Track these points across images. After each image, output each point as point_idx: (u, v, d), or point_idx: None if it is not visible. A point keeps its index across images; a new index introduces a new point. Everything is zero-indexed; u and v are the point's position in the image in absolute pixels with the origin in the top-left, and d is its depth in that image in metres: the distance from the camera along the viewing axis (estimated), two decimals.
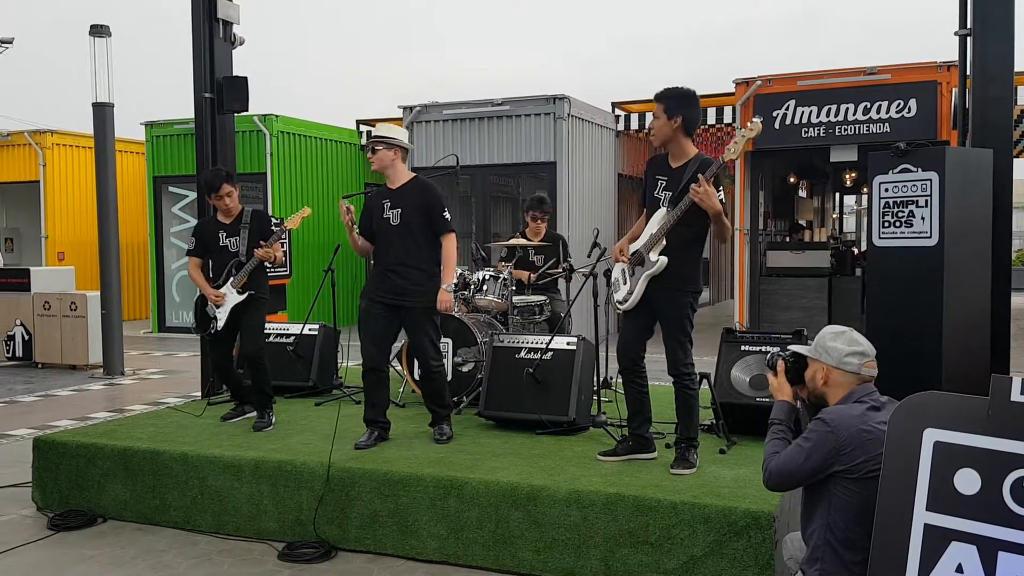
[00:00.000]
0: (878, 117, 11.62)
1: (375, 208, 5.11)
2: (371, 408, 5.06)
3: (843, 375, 3.00)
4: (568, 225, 12.27)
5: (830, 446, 2.83)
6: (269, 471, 4.67)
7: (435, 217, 5.04)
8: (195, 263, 5.78)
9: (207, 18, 6.83)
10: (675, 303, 4.34)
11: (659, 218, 4.33)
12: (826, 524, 2.89)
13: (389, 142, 5.07)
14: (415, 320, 5.04)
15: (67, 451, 5.18)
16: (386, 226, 5.04)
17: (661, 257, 4.28)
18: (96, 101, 10.51)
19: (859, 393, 2.96)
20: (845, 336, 3.06)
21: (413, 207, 5.02)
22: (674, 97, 4.30)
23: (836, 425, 2.85)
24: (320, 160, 15.04)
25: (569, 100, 12.62)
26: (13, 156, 16.33)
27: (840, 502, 2.85)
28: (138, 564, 4.40)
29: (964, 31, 5.27)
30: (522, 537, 4.13)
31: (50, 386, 9.81)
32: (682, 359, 4.36)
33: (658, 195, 4.39)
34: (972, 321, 4.75)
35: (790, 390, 3.19)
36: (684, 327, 4.36)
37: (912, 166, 4.67)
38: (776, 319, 12.60)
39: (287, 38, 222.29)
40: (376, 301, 5.04)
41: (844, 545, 2.85)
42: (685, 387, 4.41)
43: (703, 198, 4.08)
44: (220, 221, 5.69)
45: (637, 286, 4.37)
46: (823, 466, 2.85)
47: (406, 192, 5.08)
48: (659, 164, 4.47)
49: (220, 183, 5.57)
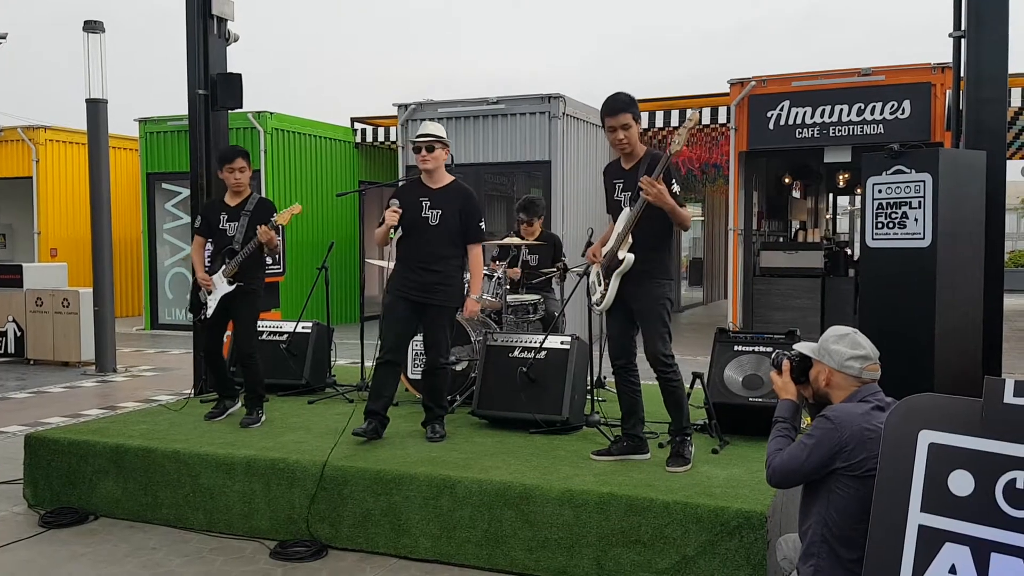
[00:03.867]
0: (872, 118, 11.65)
1: (412, 204, 5.11)
2: (376, 399, 5.04)
3: (845, 378, 3.03)
4: (563, 224, 12.27)
5: (833, 443, 2.86)
6: (262, 469, 4.66)
7: (472, 225, 5.13)
8: (199, 242, 5.77)
9: (201, 15, 6.81)
10: (649, 294, 4.38)
11: (623, 218, 4.41)
12: (823, 521, 2.91)
13: (445, 141, 5.15)
14: (437, 316, 5.09)
15: (59, 448, 5.16)
16: (424, 224, 5.07)
17: (628, 254, 4.35)
18: (90, 97, 10.49)
19: (863, 393, 2.99)
20: (848, 339, 3.07)
21: (454, 210, 5.07)
22: (634, 103, 4.40)
23: (840, 423, 2.87)
24: (314, 158, 15.01)
25: (564, 99, 12.62)
26: (6, 152, 16.27)
27: (839, 499, 2.87)
28: (130, 562, 4.39)
29: (958, 33, 5.29)
30: (515, 536, 4.13)
31: (42, 383, 9.78)
32: (661, 350, 4.36)
33: (618, 197, 4.49)
34: (965, 322, 4.76)
35: (794, 389, 3.21)
36: (661, 316, 4.40)
37: (906, 167, 4.68)
38: (769, 319, 12.63)
39: (282, 35, 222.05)
40: (402, 297, 5.06)
41: (840, 542, 2.86)
42: (668, 379, 4.41)
43: (655, 197, 4.16)
44: (225, 203, 5.68)
45: (610, 286, 4.42)
46: (825, 463, 2.88)
47: (449, 194, 5.12)
48: (614, 169, 4.57)
49: (235, 155, 5.60)
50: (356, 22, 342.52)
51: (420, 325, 5.17)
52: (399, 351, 5.14)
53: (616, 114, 4.33)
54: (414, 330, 5.24)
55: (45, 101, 71.68)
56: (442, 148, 5.13)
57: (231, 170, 5.58)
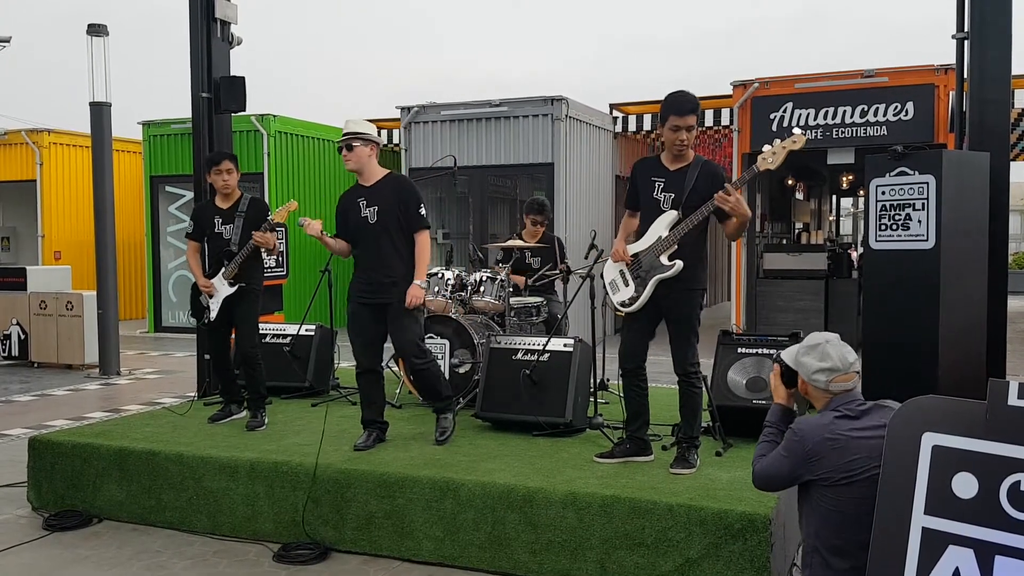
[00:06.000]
0: (875, 120, 11.64)
1: (350, 208, 5.04)
2: (368, 408, 5.05)
3: (815, 389, 3.05)
4: (565, 226, 12.27)
5: (799, 454, 2.91)
6: (265, 472, 4.66)
7: (411, 213, 4.95)
8: (193, 247, 5.77)
9: (205, 18, 6.82)
10: (687, 303, 4.36)
11: (668, 222, 4.32)
12: (814, 531, 2.94)
13: (366, 137, 5.00)
14: (396, 318, 4.95)
15: (63, 451, 5.17)
16: (364, 225, 4.97)
17: (676, 261, 4.28)
18: (93, 100, 10.50)
19: (836, 403, 2.99)
20: (818, 350, 3.04)
21: (390, 203, 4.94)
22: (699, 105, 4.35)
23: (803, 435, 2.91)
24: (317, 160, 15.02)
25: (567, 101, 12.62)
26: (10, 155, 16.30)
27: (820, 510, 2.90)
28: (133, 565, 4.39)
29: (962, 34, 5.28)
30: (518, 539, 4.12)
31: (46, 386, 9.79)
32: (690, 358, 4.38)
33: (657, 196, 4.38)
34: (968, 324, 4.75)
35: (785, 393, 3.22)
36: (694, 326, 4.39)
37: (909, 169, 4.67)
38: (773, 321, 12.61)
39: (287, 37, 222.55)
40: (360, 303, 5.01)
41: (831, 552, 2.88)
42: (691, 385, 4.42)
43: (735, 207, 4.12)
44: (217, 205, 5.67)
45: (646, 289, 4.36)
46: (796, 473, 2.93)
47: (382, 188, 5.01)
48: (653, 166, 4.47)
49: (222, 158, 5.61)
50: (357, 23, 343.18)
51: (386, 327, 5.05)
52: (373, 358, 5.06)
53: (685, 114, 4.24)
54: (383, 332, 5.07)
55: (49, 104, 71.87)
56: (364, 144, 4.96)
57: (219, 172, 5.59)
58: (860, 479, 2.81)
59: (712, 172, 4.30)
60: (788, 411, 3.20)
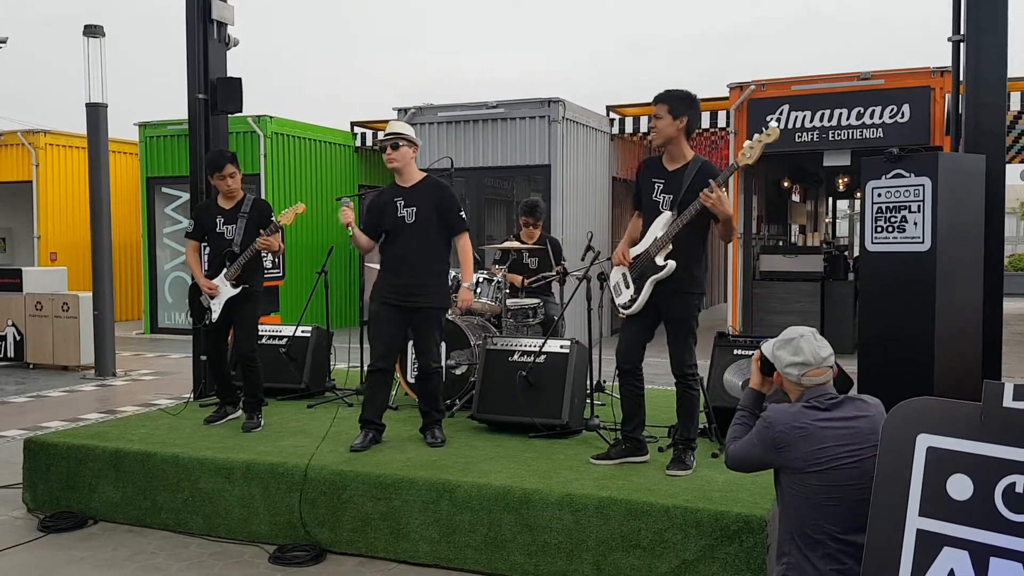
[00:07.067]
0: (871, 122, 11.67)
1: (387, 206, 5.06)
2: (369, 408, 5.04)
3: (788, 382, 3.10)
4: (562, 228, 12.27)
5: (768, 441, 2.98)
6: (261, 473, 4.66)
7: (452, 216, 5.05)
8: (193, 247, 5.74)
9: (201, 19, 6.81)
10: (683, 305, 4.36)
11: (664, 222, 4.33)
12: (788, 520, 3.00)
13: (410, 139, 5.08)
14: (424, 320, 5.02)
15: (58, 452, 5.16)
16: (401, 224, 5.00)
17: (669, 261, 4.28)
18: (89, 101, 10.49)
19: (807, 396, 3.04)
20: (792, 344, 3.09)
21: (429, 205, 5.00)
22: (680, 98, 4.33)
23: (771, 422, 2.99)
24: (314, 162, 15.02)
25: (564, 103, 12.63)
26: (6, 156, 16.28)
27: (791, 498, 2.97)
28: (129, 566, 4.38)
29: (957, 37, 5.28)
30: (514, 541, 4.12)
31: (41, 387, 9.78)
32: (687, 360, 4.39)
33: (656, 198, 4.39)
34: (964, 326, 4.76)
35: (759, 379, 3.29)
36: (691, 328, 4.39)
37: (905, 171, 4.68)
38: (769, 323, 12.63)
39: (283, 38, 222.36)
40: (387, 304, 5.01)
41: (803, 541, 2.93)
42: (689, 387, 4.43)
43: (715, 204, 4.12)
44: (220, 206, 5.63)
45: (643, 290, 4.37)
46: (765, 458, 3.03)
47: (421, 190, 5.06)
48: (654, 167, 4.47)
49: (224, 162, 5.54)
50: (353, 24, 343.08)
51: (410, 330, 5.12)
52: (390, 359, 5.08)
53: (654, 102, 4.32)
54: (404, 335, 5.16)
55: (45, 105, 71.80)
56: (408, 146, 5.05)
57: (222, 177, 5.54)
58: (828, 468, 2.87)
59: (708, 171, 4.30)
60: (761, 396, 3.29)
